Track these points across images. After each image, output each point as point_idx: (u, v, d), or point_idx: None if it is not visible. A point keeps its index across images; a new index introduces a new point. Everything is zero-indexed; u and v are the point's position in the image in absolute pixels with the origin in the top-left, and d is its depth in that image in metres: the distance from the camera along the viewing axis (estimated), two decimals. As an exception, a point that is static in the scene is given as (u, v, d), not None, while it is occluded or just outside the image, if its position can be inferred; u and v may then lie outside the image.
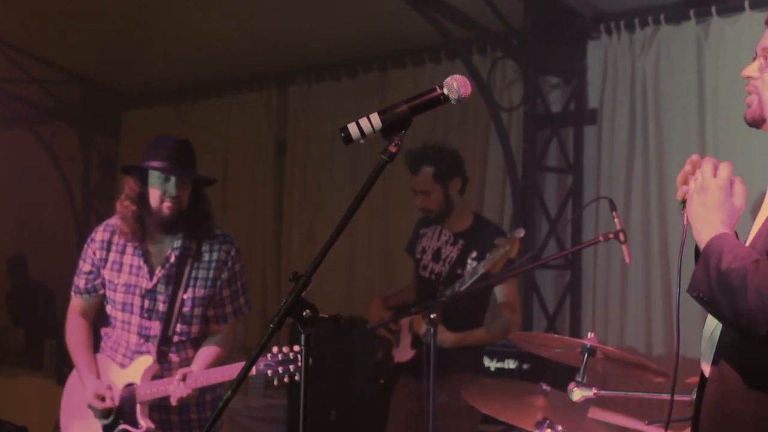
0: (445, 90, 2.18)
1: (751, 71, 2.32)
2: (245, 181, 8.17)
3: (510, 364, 5.57)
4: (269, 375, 3.59)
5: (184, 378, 3.81)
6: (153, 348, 3.96)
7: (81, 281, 4.10)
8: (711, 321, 2.31)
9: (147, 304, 3.95)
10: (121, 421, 3.94)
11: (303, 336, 2.13)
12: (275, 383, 3.62)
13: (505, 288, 4.62)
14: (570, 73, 6.13)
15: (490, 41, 6.32)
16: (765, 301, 2.05)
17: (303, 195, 7.72)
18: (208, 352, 3.99)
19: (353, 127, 2.17)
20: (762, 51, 2.31)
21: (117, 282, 3.99)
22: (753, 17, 5.10)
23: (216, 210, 4.21)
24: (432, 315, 4.02)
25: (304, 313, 2.11)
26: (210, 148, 7.96)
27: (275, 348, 3.60)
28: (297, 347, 3.53)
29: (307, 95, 7.74)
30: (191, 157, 3.95)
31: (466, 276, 4.41)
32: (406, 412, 4.81)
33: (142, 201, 3.92)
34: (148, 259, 3.98)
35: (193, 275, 3.96)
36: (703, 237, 2.22)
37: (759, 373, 2.17)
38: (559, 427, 3.61)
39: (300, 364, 2.53)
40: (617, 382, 4.77)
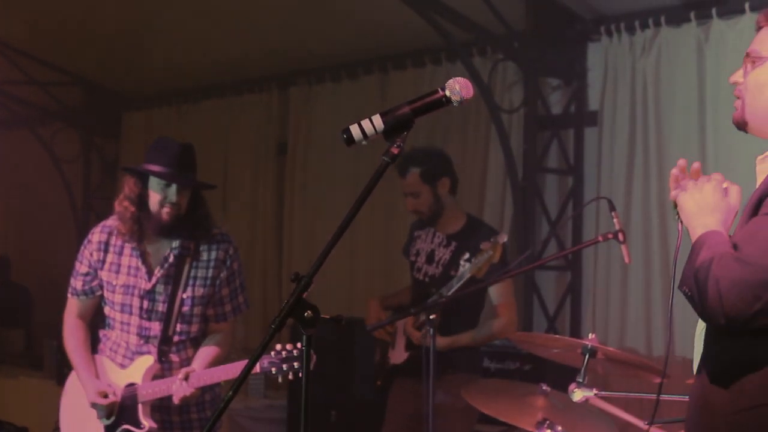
0: (448, 92, 2.19)
1: (737, 77, 2.41)
2: (246, 183, 8.17)
3: (510, 364, 5.58)
4: (273, 372, 3.59)
5: (186, 377, 3.80)
6: (153, 348, 3.95)
7: (78, 283, 4.09)
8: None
9: (146, 304, 3.95)
10: (123, 422, 3.93)
11: (304, 337, 2.13)
12: (279, 380, 3.62)
13: (499, 288, 4.62)
14: (570, 75, 6.13)
15: (490, 43, 6.33)
16: (722, 292, 2.10)
17: (303, 196, 7.72)
18: (208, 351, 3.99)
19: (355, 129, 2.18)
20: (746, 56, 2.39)
21: (115, 283, 3.99)
22: (753, 19, 5.05)
23: (216, 211, 4.22)
24: (431, 316, 4.02)
25: (305, 314, 2.12)
26: (210, 149, 7.97)
27: (278, 345, 3.61)
28: (300, 344, 3.54)
29: (308, 97, 7.75)
30: (193, 163, 3.94)
31: (454, 280, 4.43)
32: (401, 413, 4.82)
33: (141, 202, 3.92)
34: (146, 260, 3.97)
35: (192, 274, 3.96)
36: (695, 236, 2.29)
37: (734, 367, 2.21)
38: (559, 428, 3.62)
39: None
40: (618, 382, 4.77)
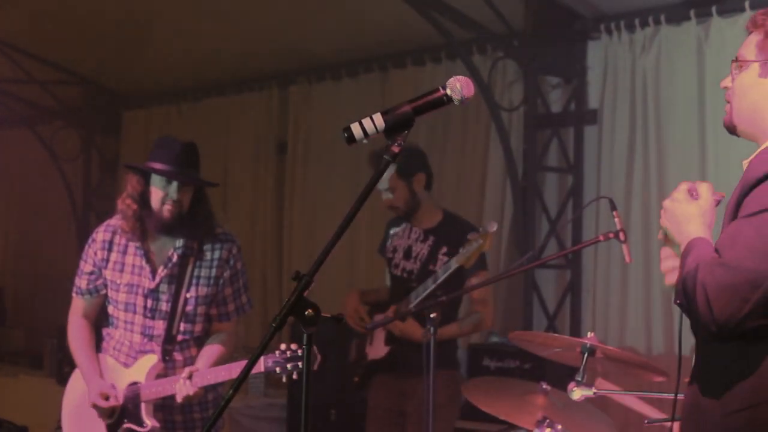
0: (448, 91, 2.19)
1: (727, 82, 2.43)
2: (246, 181, 8.17)
3: (510, 363, 5.58)
4: (277, 372, 3.59)
5: (190, 376, 3.80)
6: (157, 347, 3.96)
7: (83, 282, 4.10)
8: None
9: (150, 303, 3.96)
10: (126, 420, 3.94)
11: (305, 335, 2.14)
12: (283, 380, 3.62)
13: (477, 282, 4.62)
14: (570, 74, 6.13)
15: (490, 41, 6.32)
16: (710, 298, 2.11)
17: (303, 195, 7.72)
18: (212, 350, 4.00)
19: (356, 128, 2.18)
20: (733, 61, 2.40)
21: (119, 282, 4.00)
22: (753, 18, 5.10)
23: (217, 210, 4.21)
24: (432, 315, 4.02)
25: (306, 313, 2.12)
26: (211, 148, 7.94)
27: (283, 345, 3.61)
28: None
29: (308, 95, 7.74)
30: (195, 161, 3.96)
31: (439, 272, 4.44)
32: (383, 410, 4.83)
33: (143, 200, 3.93)
34: (150, 259, 3.98)
35: (196, 274, 3.97)
36: (682, 247, 2.30)
37: (724, 372, 2.23)
38: (559, 426, 3.63)
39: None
40: (617, 381, 4.77)
